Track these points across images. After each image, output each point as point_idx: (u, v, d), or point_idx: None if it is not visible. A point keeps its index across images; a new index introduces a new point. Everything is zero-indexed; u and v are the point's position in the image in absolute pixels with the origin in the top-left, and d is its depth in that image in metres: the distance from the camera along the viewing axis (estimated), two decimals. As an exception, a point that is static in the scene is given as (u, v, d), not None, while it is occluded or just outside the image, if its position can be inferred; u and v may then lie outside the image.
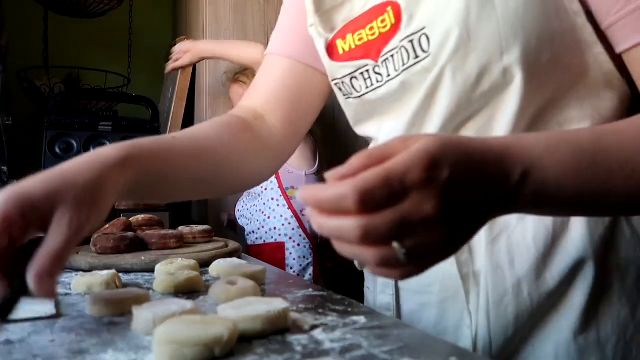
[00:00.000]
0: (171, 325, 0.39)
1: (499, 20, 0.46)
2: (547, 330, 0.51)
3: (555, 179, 0.37)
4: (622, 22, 0.43)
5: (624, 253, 0.50)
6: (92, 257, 0.79)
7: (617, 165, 0.38)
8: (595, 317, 0.50)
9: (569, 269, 0.50)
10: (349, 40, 0.58)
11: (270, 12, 1.61)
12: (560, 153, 0.38)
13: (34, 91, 1.58)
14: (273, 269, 0.78)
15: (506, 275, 0.51)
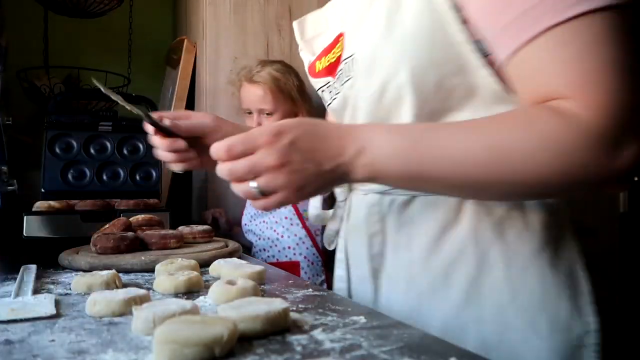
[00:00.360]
0: (171, 325, 0.39)
1: (395, 47, 0.58)
2: (434, 305, 0.60)
3: (386, 156, 0.51)
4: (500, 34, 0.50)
5: (513, 245, 0.57)
6: (92, 257, 0.79)
7: (439, 152, 0.50)
8: (478, 296, 0.57)
9: (454, 256, 0.59)
10: (323, 62, 0.74)
11: (270, 12, 1.61)
12: (393, 138, 0.51)
13: (34, 91, 1.58)
14: (273, 269, 0.78)
15: (404, 257, 0.63)
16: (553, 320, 0.56)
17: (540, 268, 0.57)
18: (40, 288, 0.65)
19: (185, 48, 1.61)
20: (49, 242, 0.92)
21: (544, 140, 0.47)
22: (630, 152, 0.46)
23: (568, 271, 0.58)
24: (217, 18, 1.55)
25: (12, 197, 1.03)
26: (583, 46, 0.46)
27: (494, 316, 0.57)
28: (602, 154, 0.46)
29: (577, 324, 0.56)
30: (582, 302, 0.57)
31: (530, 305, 0.56)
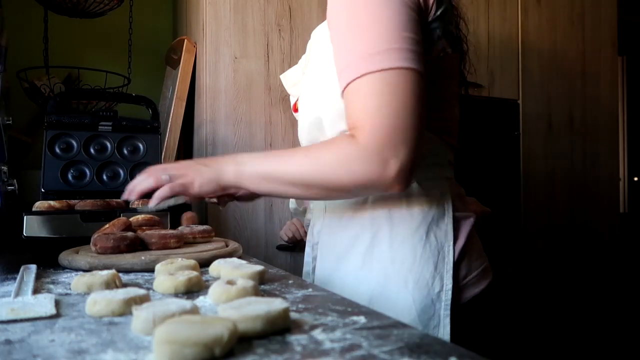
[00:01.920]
0: (171, 325, 0.39)
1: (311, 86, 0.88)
2: (343, 267, 0.85)
3: (246, 164, 0.77)
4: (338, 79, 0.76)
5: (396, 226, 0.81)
6: (92, 257, 0.79)
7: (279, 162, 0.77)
8: (370, 261, 0.82)
9: (357, 232, 0.84)
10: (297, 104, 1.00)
11: (270, 12, 1.61)
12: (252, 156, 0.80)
13: (34, 91, 1.58)
14: (273, 269, 0.78)
15: (329, 233, 0.90)
16: (419, 279, 0.79)
17: (413, 243, 0.80)
18: (40, 288, 0.65)
19: (185, 48, 1.61)
20: (49, 242, 0.92)
21: (337, 156, 0.72)
22: (393, 167, 0.69)
23: (438, 246, 0.81)
24: (217, 18, 1.55)
25: (12, 197, 1.03)
26: (367, 95, 0.71)
27: (379, 275, 0.80)
28: (371, 164, 0.69)
29: (437, 284, 0.79)
30: (444, 269, 0.80)
31: (404, 268, 0.79)
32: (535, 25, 2.11)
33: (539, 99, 2.12)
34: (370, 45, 0.71)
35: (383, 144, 0.69)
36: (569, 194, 2.19)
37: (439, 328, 0.78)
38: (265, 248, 1.55)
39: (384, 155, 0.69)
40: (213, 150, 1.53)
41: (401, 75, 0.71)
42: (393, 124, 0.70)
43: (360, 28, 0.73)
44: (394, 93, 0.70)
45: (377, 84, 0.71)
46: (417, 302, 0.78)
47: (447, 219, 0.83)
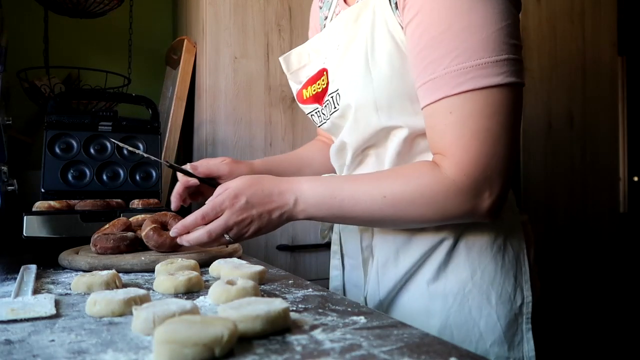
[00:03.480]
0: (171, 325, 0.39)
1: (375, 92, 0.71)
2: (411, 282, 0.76)
3: (313, 203, 0.69)
4: (420, 89, 0.65)
5: (473, 235, 0.73)
6: (92, 257, 0.79)
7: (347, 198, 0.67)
8: (444, 274, 0.73)
9: (428, 242, 0.74)
10: (309, 91, 0.86)
11: (270, 12, 1.61)
12: (316, 189, 0.69)
13: (34, 91, 1.58)
14: (273, 269, 0.78)
15: (390, 247, 0.77)
16: (501, 293, 0.72)
17: (493, 253, 0.73)
18: (40, 288, 0.65)
19: (185, 48, 1.61)
20: (49, 242, 0.92)
21: (420, 192, 0.64)
22: (487, 200, 0.62)
23: (515, 256, 0.75)
24: (217, 18, 1.55)
25: (12, 197, 1.03)
26: (462, 117, 0.60)
27: (456, 290, 0.72)
28: (463, 202, 0.62)
29: (519, 297, 0.73)
30: (523, 280, 0.74)
31: (484, 281, 0.72)
32: (535, 25, 2.11)
33: (539, 99, 2.12)
34: (470, 55, 0.59)
35: (478, 177, 0.61)
36: (569, 194, 2.19)
37: (523, 344, 0.73)
38: (265, 248, 1.55)
39: (478, 190, 0.61)
40: (213, 150, 1.53)
41: (504, 94, 0.60)
42: (491, 153, 0.60)
43: (458, 32, 0.60)
44: (495, 116, 0.60)
45: (476, 105, 0.60)
46: (502, 319, 0.71)
47: (519, 226, 0.76)
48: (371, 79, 0.70)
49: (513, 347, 0.72)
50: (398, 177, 0.66)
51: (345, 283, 0.87)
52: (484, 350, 0.71)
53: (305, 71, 0.89)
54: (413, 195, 0.64)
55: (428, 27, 0.62)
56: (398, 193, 0.65)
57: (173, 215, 0.86)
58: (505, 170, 0.62)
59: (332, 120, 0.81)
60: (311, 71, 0.86)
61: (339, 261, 0.88)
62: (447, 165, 0.62)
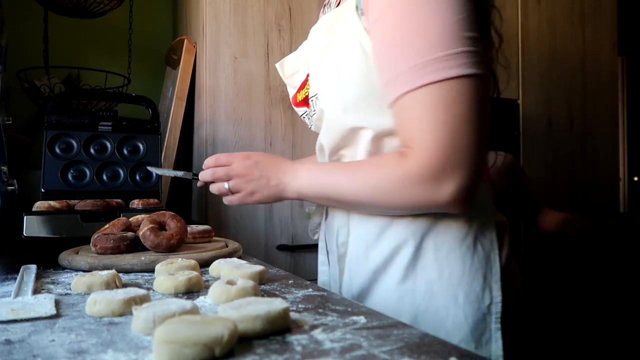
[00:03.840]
0: (171, 325, 0.39)
1: (344, 95, 0.75)
2: (381, 280, 0.77)
3: (306, 185, 0.77)
4: (385, 88, 0.68)
5: (441, 235, 0.74)
6: (92, 257, 0.79)
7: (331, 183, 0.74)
8: (413, 274, 0.74)
9: (399, 241, 0.75)
10: (301, 94, 0.92)
11: (270, 12, 1.61)
12: (311, 173, 0.77)
13: (34, 91, 1.58)
14: (273, 269, 0.78)
15: (361, 243, 0.80)
16: (469, 293, 0.73)
17: (461, 253, 0.74)
18: (40, 288, 0.65)
19: (185, 48, 1.61)
20: (49, 242, 0.92)
21: (385, 179, 0.68)
22: (448, 190, 0.64)
23: (485, 256, 0.75)
24: (217, 18, 1.55)
25: (12, 197, 1.03)
26: (421, 110, 0.64)
27: (424, 290, 0.73)
28: (423, 190, 0.65)
29: (487, 297, 0.73)
30: (492, 280, 0.74)
31: (452, 281, 0.73)
32: (535, 25, 2.11)
33: (539, 99, 2.12)
34: (426, 50, 0.63)
35: (438, 167, 0.63)
36: (569, 194, 2.19)
37: (491, 343, 0.73)
38: (265, 248, 1.55)
39: (438, 179, 0.64)
40: (213, 150, 1.53)
41: (462, 85, 0.62)
42: (449, 144, 0.63)
43: (414, 30, 0.64)
44: (454, 107, 0.62)
45: (435, 98, 0.63)
46: (469, 318, 0.72)
47: (491, 226, 0.77)
48: (341, 82, 0.74)
49: (480, 346, 0.72)
50: (372, 165, 0.73)
51: (331, 280, 0.91)
52: None
53: (298, 76, 0.94)
54: (379, 182, 0.69)
55: (387, 28, 0.66)
56: (369, 179, 0.70)
57: (171, 215, 0.86)
58: (467, 162, 0.63)
59: (314, 122, 0.87)
60: (302, 76, 0.92)
61: (325, 257, 0.92)
62: (411, 155, 0.66)
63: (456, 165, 0.63)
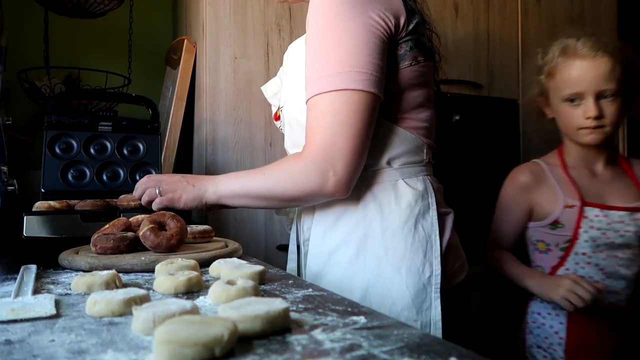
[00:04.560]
0: (171, 325, 0.39)
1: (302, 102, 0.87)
2: (336, 260, 0.90)
3: (223, 187, 0.90)
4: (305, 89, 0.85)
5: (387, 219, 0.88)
6: (92, 257, 0.79)
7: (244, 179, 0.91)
8: (364, 253, 0.88)
9: (351, 226, 0.89)
10: (279, 111, 1.06)
11: (270, 12, 1.61)
12: (226, 179, 0.92)
13: (35, 91, 1.58)
14: (273, 269, 0.78)
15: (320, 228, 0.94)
16: (410, 267, 0.85)
17: (403, 234, 0.87)
18: (40, 288, 0.65)
19: (185, 48, 1.61)
20: (49, 242, 0.92)
21: (283, 169, 0.86)
22: (332, 179, 0.80)
23: (425, 236, 0.88)
24: (217, 18, 1.55)
25: (12, 197, 1.03)
26: (316, 113, 0.81)
27: (373, 265, 0.87)
28: (311, 177, 0.81)
29: (427, 270, 0.86)
30: (432, 257, 0.87)
31: (396, 258, 0.86)
32: (535, 25, 2.11)
33: (539, 99, 2.12)
34: (330, 66, 0.79)
35: (321, 158, 0.80)
36: (569, 194, 2.19)
37: (431, 309, 0.85)
38: (265, 248, 1.55)
39: (322, 168, 0.80)
40: (213, 150, 1.53)
41: (350, 97, 0.79)
42: (331, 141, 0.79)
43: (325, 49, 0.81)
44: (339, 113, 0.79)
45: (326, 104, 0.80)
46: (410, 287, 0.85)
47: (432, 212, 0.90)
48: (299, 90, 0.89)
49: (421, 312, 0.85)
50: (276, 163, 0.90)
51: (300, 265, 1.03)
52: (396, 314, 0.84)
53: (278, 96, 1.10)
54: (280, 171, 0.86)
55: (308, 46, 0.85)
56: (273, 170, 0.87)
57: (172, 215, 0.86)
58: (344, 157, 0.80)
59: (284, 131, 1.02)
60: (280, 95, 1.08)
61: (294, 246, 1.05)
62: (304, 150, 0.82)
63: (335, 159, 0.80)
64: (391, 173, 0.90)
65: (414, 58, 0.88)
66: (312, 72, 0.82)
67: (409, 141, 0.90)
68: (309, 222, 0.97)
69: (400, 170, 0.90)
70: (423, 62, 0.90)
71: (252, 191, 0.88)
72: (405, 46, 0.87)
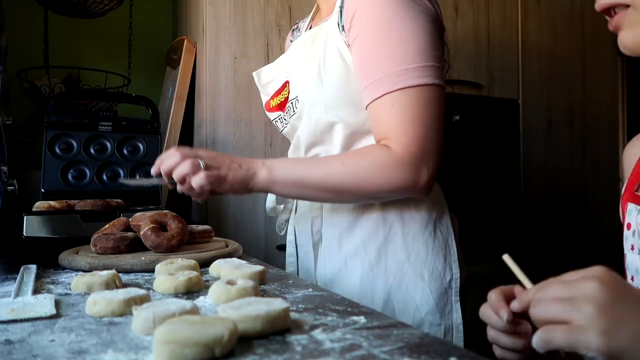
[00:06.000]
0: (171, 325, 0.39)
1: (324, 93, 0.86)
2: (355, 264, 0.88)
3: (277, 169, 0.81)
4: (364, 90, 0.80)
5: (407, 223, 0.87)
6: (92, 257, 0.79)
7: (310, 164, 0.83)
8: (385, 257, 0.87)
9: (370, 229, 0.88)
10: (275, 101, 1.02)
11: (270, 12, 1.61)
12: (283, 161, 0.86)
13: (34, 91, 1.58)
14: (273, 269, 0.78)
15: (335, 231, 0.91)
16: (433, 271, 0.86)
17: (424, 238, 0.87)
18: (40, 288, 0.65)
19: (185, 48, 1.61)
20: (49, 242, 0.92)
21: (373, 162, 0.78)
22: (425, 175, 0.78)
23: (443, 240, 0.89)
24: (217, 18, 1.55)
25: (12, 197, 1.03)
26: (401, 108, 0.77)
27: (395, 270, 0.86)
28: (407, 172, 0.77)
29: (448, 274, 0.87)
30: (452, 260, 0.88)
31: (419, 262, 0.86)
32: (535, 25, 2.11)
33: (539, 99, 2.12)
34: (404, 61, 0.77)
35: (417, 154, 0.77)
36: (569, 194, 2.19)
37: (452, 313, 0.86)
38: (265, 248, 1.55)
39: (418, 164, 0.77)
40: (213, 150, 1.53)
41: (432, 91, 0.77)
42: (426, 136, 0.77)
43: (394, 44, 0.77)
44: (427, 108, 0.77)
45: (412, 99, 0.77)
46: (433, 292, 0.85)
47: (446, 215, 0.91)
48: (322, 85, 0.86)
49: (444, 316, 0.85)
50: (355, 152, 0.84)
51: (299, 269, 1.00)
52: (420, 319, 0.84)
53: (273, 84, 1.05)
54: (367, 164, 0.78)
55: (369, 42, 0.79)
56: (355, 162, 0.80)
57: (173, 215, 0.86)
58: (436, 152, 0.78)
59: (291, 123, 0.96)
60: (277, 84, 1.04)
61: (293, 249, 1.02)
62: (393, 145, 0.77)
63: (430, 155, 0.78)
64: None
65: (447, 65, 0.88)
66: (386, 66, 0.77)
67: None
68: (317, 225, 0.94)
69: None
70: (447, 68, 0.90)
71: (322, 182, 0.79)
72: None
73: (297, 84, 0.94)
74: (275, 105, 1.02)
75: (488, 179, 1.99)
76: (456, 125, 1.93)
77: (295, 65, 0.96)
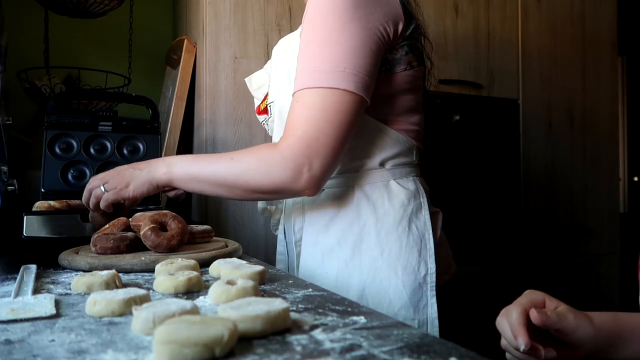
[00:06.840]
0: (171, 325, 0.39)
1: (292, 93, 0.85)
2: (331, 259, 0.90)
3: (175, 165, 0.86)
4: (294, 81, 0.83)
5: (381, 219, 0.88)
6: (92, 257, 0.79)
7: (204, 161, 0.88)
8: (360, 253, 0.88)
9: (345, 226, 0.90)
10: (263, 104, 1.07)
11: (270, 12, 1.61)
12: (182, 158, 0.89)
13: (35, 91, 1.58)
14: (273, 269, 0.78)
15: (314, 228, 0.93)
16: (406, 266, 0.86)
17: (398, 233, 0.88)
18: (40, 288, 0.65)
19: (185, 48, 1.61)
20: (49, 242, 0.92)
21: (256, 160, 0.81)
22: (306, 175, 0.78)
23: (419, 235, 0.89)
24: (217, 18, 1.55)
25: (12, 197, 1.03)
26: (301, 106, 0.79)
27: (369, 265, 0.87)
28: (285, 169, 0.78)
29: (422, 269, 0.87)
30: (427, 255, 0.88)
31: (392, 257, 0.86)
32: (535, 25, 2.11)
33: (539, 99, 2.12)
34: (326, 62, 0.78)
35: (300, 153, 0.78)
36: (569, 194, 2.19)
37: (427, 307, 0.86)
38: (265, 248, 1.55)
39: (298, 163, 0.78)
40: (213, 150, 1.53)
41: (338, 96, 0.78)
42: (316, 137, 0.77)
43: (323, 45, 0.80)
44: (326, 110, 0.78)
45: (315, 98, 0.78)
46: (407, 287, 0.86)
47: (424, 211, 0.91)
48: (291, 85, 0.87)
49: (418, 310, 0.85)
50: (247, 149, 0.86)
51: (289, 266, 1.02)
52: (393, 314, 0.85)
53: (263, 89, 1.09)
54: (250, 160, 0.82)
55: (303, 37, 0.83)
56: (241, 158, 0.83)
57: (173, 215, 0.86)
58: (325, 155, 0.78)
59: (270, 126, 1.01)
60: (266, 89, 1.07)
61: (283, 247, 1.04)
62: (281, 142, 0.79)
63: (315, 157, 0.78)
64: (383, 174, 0.91)
65: (409, 63, 0.89)
66: (306, 65, 0.80)
67: (401, 143, 0.92)
68: (299, 223, 0.97)
69: (392, 171, 0.91)
70: (417, 66, 0.91)
71: (213, 176, 0.84)
72: (401, 50, 0.88)
73: (273, 88, 0.99)
74: (264, 109, 1.07)
75: (488, 179, 1.99)
76: (456, 125, 1.93)
77: (273, 71, 1.01)
